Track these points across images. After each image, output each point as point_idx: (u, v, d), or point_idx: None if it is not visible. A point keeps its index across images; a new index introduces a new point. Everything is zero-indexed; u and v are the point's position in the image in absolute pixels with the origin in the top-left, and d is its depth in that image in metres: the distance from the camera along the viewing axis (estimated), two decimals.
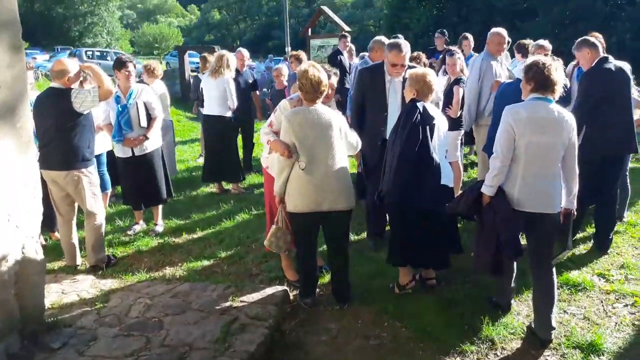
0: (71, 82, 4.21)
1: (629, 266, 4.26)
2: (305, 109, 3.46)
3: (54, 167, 4.21)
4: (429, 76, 3.61)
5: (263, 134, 3.80)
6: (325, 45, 13.23)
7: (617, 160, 4.51)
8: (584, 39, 4.54)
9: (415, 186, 3.49)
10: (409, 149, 3.45)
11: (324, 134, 3.42)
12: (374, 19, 57.17)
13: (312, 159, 3.40)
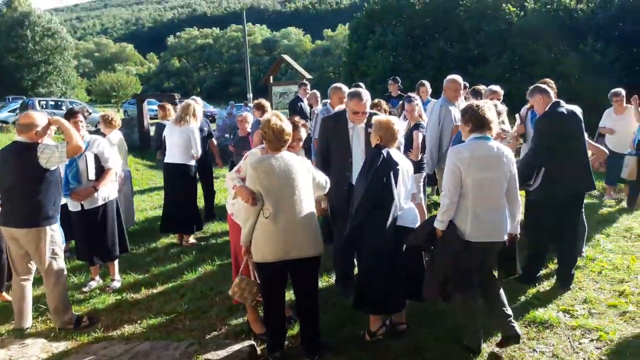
0: (39, 136, 4.03)
1: (591, 301, 4.33)
2: (270, 157, 3.44)
3: (15, 224, 4.04)
4: (394, 123, 3.68)
5: (229, 179, 3.74)
6: (287, 92, 13.45)
7: (576, 198, 4.67)
8: (536, 86, 4.72)
9: (378, 229, 3.50)
10: (372, 194, 3.48)
11: (291, 180, 3.39)
12: (334, 66, 58.82)
13: (278, 206, 3.35)
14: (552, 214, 4.53)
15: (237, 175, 3.73)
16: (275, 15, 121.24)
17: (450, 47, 21.06)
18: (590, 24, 17.53)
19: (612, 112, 7.47)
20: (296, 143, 3.78)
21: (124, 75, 57.08)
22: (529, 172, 4.43)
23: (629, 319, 4.01)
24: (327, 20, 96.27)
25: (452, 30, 21.70)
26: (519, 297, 4.47)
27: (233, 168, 4.61)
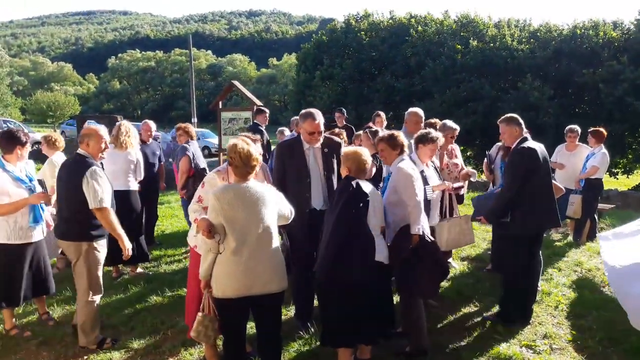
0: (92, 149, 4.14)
1: (551, 336, 4.37)
2: (236, 187, 3.23)
3: (60, 235, 4.13)
4: (362, 154, 3.64)
5: (192, 212, 3.56)
6: (236, 118, 13.23)
7: (541, 235, 4.78)
8: (514, 116, 4.71)
9: (349, 263, 3.41)
10: (342, 226, 3.41)
11: (256, 212, 3.19)
12: (279, 95, 59.17)
13: (242, 239, 3.15)
14: (525, 251, 4.59)
15: (199, 207, 3.55)
16: (221, 42, 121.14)
17: (396, 81, 21.68)
18: (529, 63, 18.61)
19: (564, 148, 7.78)
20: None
21: (62, 95, 54.69)
22: (505, 207, 4.46)
23: (590, 354, 4.07)
24: (272, 49, 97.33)
25: (399, 65, 22.39)
26: (478, 332, 4.47)
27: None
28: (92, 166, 4.00)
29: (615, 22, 19.81)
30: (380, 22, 25.91)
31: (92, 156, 4.11)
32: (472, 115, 18.05)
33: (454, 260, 6.44)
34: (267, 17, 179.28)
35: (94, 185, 3.93)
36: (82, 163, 4.01)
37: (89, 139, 4.09)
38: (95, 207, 3.95)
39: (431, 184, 4.63)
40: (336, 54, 25.27)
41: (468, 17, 23.44)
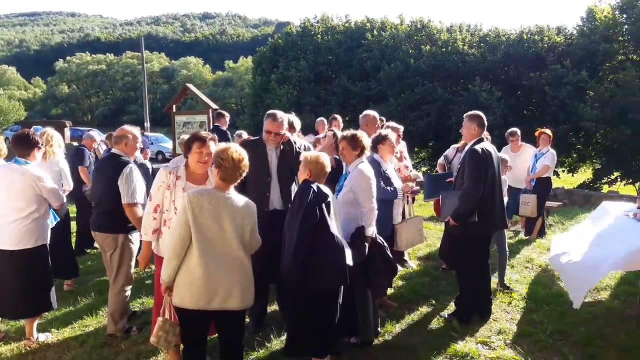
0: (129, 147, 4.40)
1: (505, 331, 4.48)
2: (213, 192, 3.10)
3: (96, 228, 4.35)
4: (323, 158, 3.60)
5: (147, 226, 3.57)
6: (190, 122, 12.98)
7: (492, 234, 4.94)
8: (478, 114, 4.79)
9: (318, 267, 3.35)
10: (307, 230, 3.33)
11: (228, 224, 3.06)
12: (235, 98, 58.58)
13: (207, 249, 3.02)
14: (480, 249, 4.70)
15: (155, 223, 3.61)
16: (174, 44, 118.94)
17: (353, 84, 21.88)
18: (479, 67, 19.19)
19: (509, 149, 8.07)
20: (207, 158, 3.57)
21: (5, 100, 52.21)
22: (472, 207, 4.50)
23: (542, 347, 4.20)
24: (228, 52, 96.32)
25: (355, 68, 22.62)
26: (436, 330, 4.54)
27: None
28: (129, 164, 4.26)
29: (559, 28, 20.70)
30: (336, 26, 26.11)
31: (128, 155, 4.38)
32: (426, 117, 18.44)
33: (411, 259, 6.53)
34: (222, 20, 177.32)
35: (128, 182, 4.15)
36: (120, 161, 4.27)
37: (126, 140, 4.36)
38: (126, 202, 4.14)
39: (394, 183, 4.71)
40: (292, 57, 25.28)
41: (422, 22, 23.95)
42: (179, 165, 3.74)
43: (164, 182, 3.63)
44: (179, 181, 3.63)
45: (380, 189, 4.53)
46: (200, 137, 3.59)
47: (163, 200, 3.64)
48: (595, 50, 17.19)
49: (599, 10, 18.59)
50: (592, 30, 18.05)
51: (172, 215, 3.59)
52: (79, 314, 4.99)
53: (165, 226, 3.68)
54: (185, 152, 3.69)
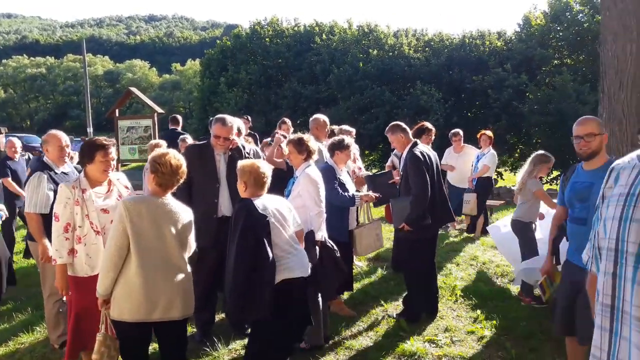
0: None
1: (451, 329, 4.59)
2: (150, 199, 2.99)
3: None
4: (260, 167, 3.33)
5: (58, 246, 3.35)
6: (135, 126, 12.60)
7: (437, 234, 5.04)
8: (397, 124, 4.94)
9: (260, 297, 3.14)
10: (242, 259, 3.09)
11: (167, 231, 2.96)
12: (184, 101, 57.43)
13: (146, 258, 2.91)
14: (426, 249, 4.80)
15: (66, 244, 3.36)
16: (119, 47, 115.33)
17: (303, 88, 21.88)
18: (424, 70, 19.65)
19: (452, 150, 8.30)
20: (110, 164, 3.44)
21: None
22: (424, 209, 4.58)
23: (486, 343, 4.32)
24: (175, 54, 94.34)
25: (305, 71, 22.61)
26: (384, 330, 4.59)
27: None
28: (38, 172, 4.04)
29: (500, 33, 21.50)
30: (286, 29, 26.05)
31: (53, 161, 4.14)
32: (375, 120, 18.67)
33: (360, 260, 6.58)
34: (168, 22, 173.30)
35: (33, 190, 3.99)
36: (34, 167, 4.11)
37: (47, 146, 4.14)
38: (27, 211, 4.01)
39: (349, 188, 4.72)
40: (241, 60, 25.00)
41: (369, 26, 24.27)
42: (78, 178, 3.48)
43: (69, 199, 3.36)
44: (86, 193, 3.40)
45: (338, 194, 4.54)
46: (103, 145, 3.39)
47: (74, 217, 3.37)
48: (532, 55, 17.98)
49: (534, 17, 19.47)
50: (529, 36, 18.88)
51: (88, 230, 3.38)
52: (13, 331, 4.72)
53: (80, 244, 3.40)
54: (86, 161, 3.44)
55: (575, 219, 3.19)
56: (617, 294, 1.31)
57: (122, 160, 11.26)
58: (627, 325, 1.26)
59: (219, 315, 4.77)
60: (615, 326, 1.32)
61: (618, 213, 1.35)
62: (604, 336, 1.36)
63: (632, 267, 1.25)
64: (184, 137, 7.18)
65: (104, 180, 3.50)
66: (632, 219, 1.27)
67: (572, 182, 3.25)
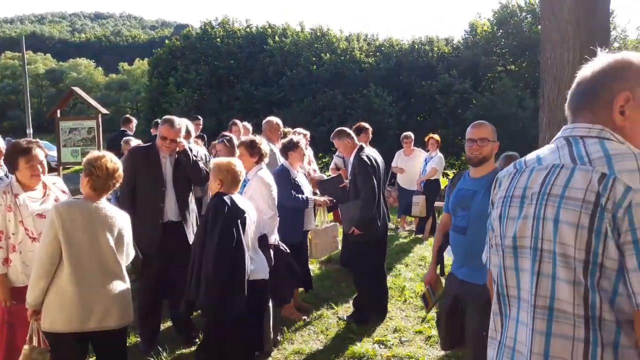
0: None
1: (401, 329, 4.65)
2: (83, 203, 2.85)
3: None
4: (235, 165, 3.40)
5: None
6: (78, 128, 12.10)
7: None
8: (343, 129, 4.98)
9: (239, 292, 3.17)
10: (225, 251, 3.11)
11: (101, 236, 2.83)
12: (131, 102, 55.78)
13: (79, 265, 2.77)
14: (375, 250, 4.84)
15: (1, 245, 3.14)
16: (62, 45, 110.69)
17: (255, 89, 21.76)
18: (375, 74, 20.00)
19: (402, 153, 8.45)
20: (41, 167, 3.25)
21: None
22: (373, 213, 4.62)
23: (433, 342, 4.39)
24: (123, 54, 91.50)
25: (257, 73, 22.52)
26: (334, 333, 4.59)
27: None
28: None
29: (448, 39, 22.17)
30: (237, 30, 25.80)
31: None
32: (328, 123, 18.83)
33: (312, 263, 6.56)
34: (116, 21, 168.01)
35: None
36: None
37: None
38: None
39: (305, 189, 4.72)
40: (191, 60, 24.59)
41: (322, 30, 24.42)
42: (9, 182, 3.28)
43: (1, 205, 3.18)
44: (19, 198, 3.21)
45: (291, 197, 4.52)
46: (24, 149, 3.19)
47: (6, 224, 3.18)
48: (478, 61, 18.64)
49: (480, 25, 20.19)
50: (475, 43, 19.56)
51: (23, 237, 3.19)
52: None
53: (15, 252, 3.21)
54: (11, 168, 3.26)
55: (456, 227, 3.02)
56: (513, 284, 1.46)
57: (63, 163, 10.76)
58: (515, 308, 1.43)
59: (165, 324, 4.63)
60: (505, 310, 1.49)
61: (516, 212, 1.45)
62: (497, 320, 1.53)
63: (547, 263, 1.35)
64: (127, 139, 6.93)
65: (36, 185, 3.30)
66: (544, 218, 1.35)
67: (458, 189, 3.09)
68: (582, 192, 1.27)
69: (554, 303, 1.33)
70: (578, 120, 1.44)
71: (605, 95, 1.38)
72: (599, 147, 1.32)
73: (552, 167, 1.39)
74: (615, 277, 1.23)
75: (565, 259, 1.30)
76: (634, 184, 1.20)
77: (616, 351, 1.25)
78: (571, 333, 1.30)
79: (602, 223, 1.23)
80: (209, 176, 4.43)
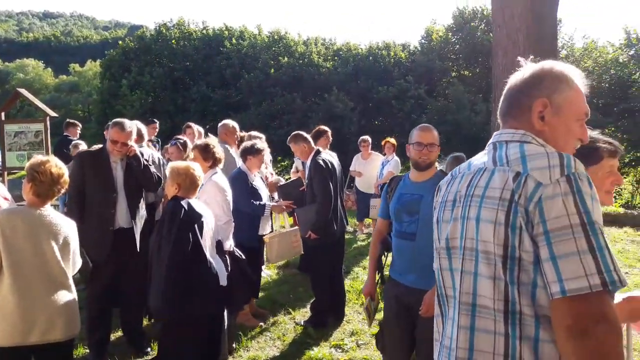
0: None
1: (358, 332, 4.65)
2: (26, 210, 2.71)
3: None
4: (194, 169, 3.34)
5: None
6: (24, 131, 11.59)
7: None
8: (299, 133, 4.98)
9: (194, 295, 3.10)
10: (179, 254, 3.05)
11: (45, 245, 2.70)
12: (83, 104, 53.98)
13: (21, 275, 2.63)
14: (332, 254, 4.82)
15: None
16: (8, 45, 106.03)
17: (212, 92, 21.47)
18: (333, 79, 20.11)
19: (360, 157, 8.51)
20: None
21: None
22: (329, 217, 4.60)
23: None
24: (74, 54, 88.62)
25: (214, 75, 22.22)
26: (292, 338, 4.55)
27: None
28: None
29: (404, 45, 22.55)
30: (193, 32, 25.40)
31: None
32: (287, 126, 18.79)
33: (269, 268, 6.50)
34: (66, 20, 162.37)
35: None
36: None
37: None
38: None
39: (262, 193, 4.70)
40: (146, 61, 24.03)
41: (279, 33, 24.36)
42: None
43: None
44: None
45: (248, 202, 4.48)
46: None
47: None
48: (433, 66, 19.05)
49: (435, 30, 20.65)
50: (430, 49, 19.99)
51: None
52: None
53: None
54: None
55: (402, 234, 2.92)
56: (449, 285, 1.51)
57: (8, 168, 10.27)
58: (452, 308, 1.48)
59: (116, 334, 4.46)
60: (445, 310, 1.55)
61: (449, 215, 1.52)
62: (438, 322, 1.59)
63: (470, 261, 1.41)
64: (76, 143, 6.68)
65: None
66: (469, 217, 1.42)
67: (400, 194, 2.99)
68: (500, 190, 1.35)
69: (476, 299, 1.40)
70: (505, 126, 1.52)
71: (526, 102, 1.46)
72: (518, 150, 1.39)
73: (478, 170, 1.47)
74: (533, 270, 1.29)
75: (486, 256, 1.36)
76: (544, 180, 1.27)
77: (536, 345, 1.30)
78: (492, 327, 1.36)
79: (517, 218, 1.29)
80: (160, 182, 4.34)
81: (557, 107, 1.43)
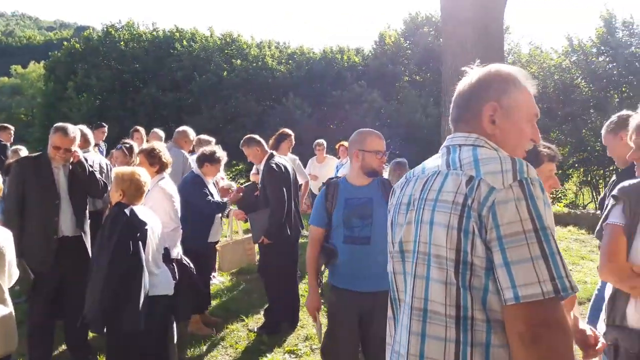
0: None
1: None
2: None
3: None
4: (140, 175, 3.20)
5: None
6: None
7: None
8: (252, 137, 4.92)
9: (129, 304, 2.96)
10: (118, 262, 2.93)
11: None
12: (26, 107, 51.63)
13: None
14: (286, 258, 4.78)
15: None
16: None
17: (163, 95, 20.98)
18: (287, 82, 20.08)
19: (315, 160, 8.53)
20: None
21: None
22: (282, 220, 4.56)
23: None
24: (15, 55, 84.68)
25: (165, 78, 21.73)
26: (245, 346, 4.48)
27: None
28: None
29: (358, 49, 22.78)
30: (143, 34, 24.76)
31: None
32: (242, 129, 18.56)
33: (222, 275, 6.37)
34: (8, 20, 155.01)
35: None
36: None
37: None
38: None
39: (216, 199, 4.66)
40: (93, 63, 23.25)
41: (232, 36, 24.09)
42: None
43: None
44: None
45: (209, 203, 4.47)
46: None
47: None
48: (386, 71, 19.33)
49: (388, 35, 20.99)
50: (383, 53, 20.28)
51: None
52: None
53: None
54: None
55: (354, 239, 2.85)
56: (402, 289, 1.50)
57: None
58: (404, 313, 1.47)
59: (59, 348, 4.25)
60: (397, 314, 1.53)
61: (403, 218, 1.51)
62: (391, 324, 1.58)
63: (422, 265, 1.40)
64: (16, 149, 6.33)
65: None
66: (422, 221, 1.42)
67: (345, 199, 2.92)
68: (453, 194, 1.34)
69: (427, 304, 1.38)
70: (457, 130, 1.51)
71: (476, 106, 1.47)
72: (471, 153, 1.39)
73: (432, 174, 1.47)
74: (485, 275, 1.28)
75: (438, 260, 1.35)
76: (497, 185, 1.27)
77: (487, 351, 1.30)
78: (443, 334, 1.34)
79: (470, 222, 1.29)
80: (107, 188, 4.18)
81: (507, 109, 1.44)
